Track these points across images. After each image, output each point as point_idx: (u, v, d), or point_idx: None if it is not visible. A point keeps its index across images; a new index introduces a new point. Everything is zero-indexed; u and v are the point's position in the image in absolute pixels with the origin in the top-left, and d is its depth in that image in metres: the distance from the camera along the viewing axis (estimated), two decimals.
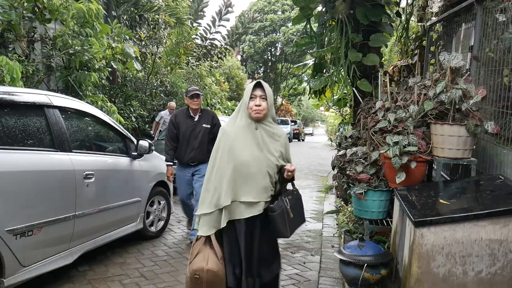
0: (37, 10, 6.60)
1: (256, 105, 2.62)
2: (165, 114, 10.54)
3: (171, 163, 4.98)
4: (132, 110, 10.96)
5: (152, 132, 10.42)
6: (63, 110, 3.75)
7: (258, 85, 2.67)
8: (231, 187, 2.58)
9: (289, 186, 2.83)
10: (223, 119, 8.46)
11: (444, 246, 2.50)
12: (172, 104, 10.78)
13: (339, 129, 13.57)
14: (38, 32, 7.04)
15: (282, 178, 2.71)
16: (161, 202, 5.30)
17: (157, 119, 10.69)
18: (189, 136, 4.81)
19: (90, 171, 3.80)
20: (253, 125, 2.66)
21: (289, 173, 2.65)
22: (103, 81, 8.84)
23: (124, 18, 12.53)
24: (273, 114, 2.79)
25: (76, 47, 6.72)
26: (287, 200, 2.66)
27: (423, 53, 5.85)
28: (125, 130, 4.70)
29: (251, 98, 2.64)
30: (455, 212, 2.57)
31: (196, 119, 4.88)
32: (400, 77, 5.77)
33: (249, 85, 2.72)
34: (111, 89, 10.80)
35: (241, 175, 2.58)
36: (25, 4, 6.37)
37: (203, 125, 4.84)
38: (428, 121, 3.40)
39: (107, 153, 4.42)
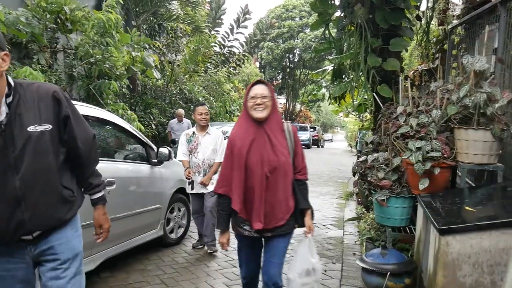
0: (60, 21, 6.75)
1: None
2: (174, 123, 10.21)
3: None
4: (152, 118, 11.10)
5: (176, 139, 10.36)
6: (85, 118, 3.80)
7: None
8: None
9: None
10: None
11: (471, 255, 2.42)
12: (180, 111, 10.30)
13: (359, 134, 13.46)
14: (60, 42, 7.20)
15: None
16: (181, 209, 5.31)
17: (168, 129, 10.44)
18: None
19: (111, 178, 3.83)
20: None
21: None
22: (123, 89, 8.97)
23: (144, 27, 12.72)
24: None
25: (97, 56, 6.84)
26: None
27: (444, 56, 5.76)
28: (145, 138, 4.74)
29: None
30: (482, 220, 2.49)
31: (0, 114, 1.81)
32: (421, 81, 5.69)
33: None
34: (131, 98, 10.96)
35: None
36: (48, 16, 6.53)
37: (31, 128, 1.84)
38: (452, 126, 3.33)
39: (128, 161, 4.47)
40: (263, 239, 2.74)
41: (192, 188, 4.91)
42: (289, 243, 2.79)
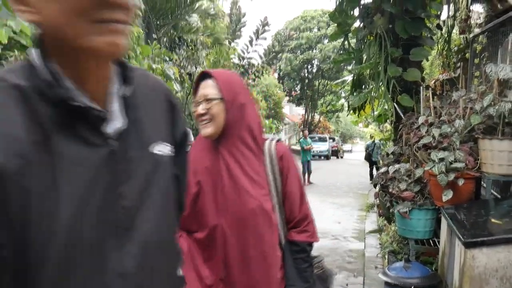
0: None
1: None
2: None
3: None
4: None
5: None
6: None
7: None
8: None
9: None
10: None
11: (498, 269, 2.34)
12: None
13: (369, 146, 13.29)
14: None
15: None
16: None
17: None
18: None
19: None
20: None
21: None
22: None
23: (164, 40, 12.93)
24: None
25: None
26: None
27: (466, 65, 5.67)
28: None
29: None
30: (509, 232, 2.42)
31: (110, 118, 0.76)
32: (443, 91, 5.61)
33: None
34: None
35: None
36: None
37: (155, 149, 0.84)
38: (476, 136, 3.26)
39: None
40: None
41: None
42: None
